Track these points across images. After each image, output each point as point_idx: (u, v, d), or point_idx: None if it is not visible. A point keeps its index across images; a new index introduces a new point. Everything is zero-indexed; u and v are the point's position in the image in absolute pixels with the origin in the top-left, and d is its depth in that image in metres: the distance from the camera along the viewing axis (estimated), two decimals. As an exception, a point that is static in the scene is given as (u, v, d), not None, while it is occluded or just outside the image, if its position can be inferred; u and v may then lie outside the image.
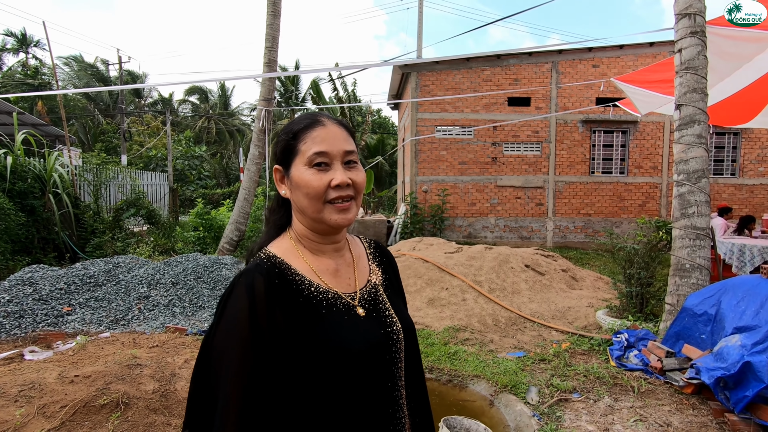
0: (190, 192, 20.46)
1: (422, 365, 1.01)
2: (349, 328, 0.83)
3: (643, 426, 2.75)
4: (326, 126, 0.86)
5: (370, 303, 0.90)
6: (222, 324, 0.78)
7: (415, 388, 0.94)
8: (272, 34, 8.49)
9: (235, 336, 0.76)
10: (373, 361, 0.83)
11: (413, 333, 0.95)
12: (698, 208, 3.94)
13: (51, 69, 12.16)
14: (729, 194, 11.58)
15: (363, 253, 1.00)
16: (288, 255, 0.87)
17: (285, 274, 0.83)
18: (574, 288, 6.16)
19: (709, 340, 3.26)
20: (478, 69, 11.15)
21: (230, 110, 30.18)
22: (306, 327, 0.80)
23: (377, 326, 0.87)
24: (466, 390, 3.48)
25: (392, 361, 0.86)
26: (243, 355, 0.75)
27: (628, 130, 11.42)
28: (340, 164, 0.84)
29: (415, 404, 0.93)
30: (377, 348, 0.84)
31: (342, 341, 0.80)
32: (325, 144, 0.84)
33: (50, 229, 8.10)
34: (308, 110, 20.47)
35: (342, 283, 0.90)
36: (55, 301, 4.85)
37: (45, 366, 3.04)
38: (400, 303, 0.99)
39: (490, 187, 11.41)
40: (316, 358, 0.78)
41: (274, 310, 0.78)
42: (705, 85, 4.02)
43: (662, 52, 11.04)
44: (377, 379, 0.83)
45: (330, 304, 0.84)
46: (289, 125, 0.89)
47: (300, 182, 0.83)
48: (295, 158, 0.85)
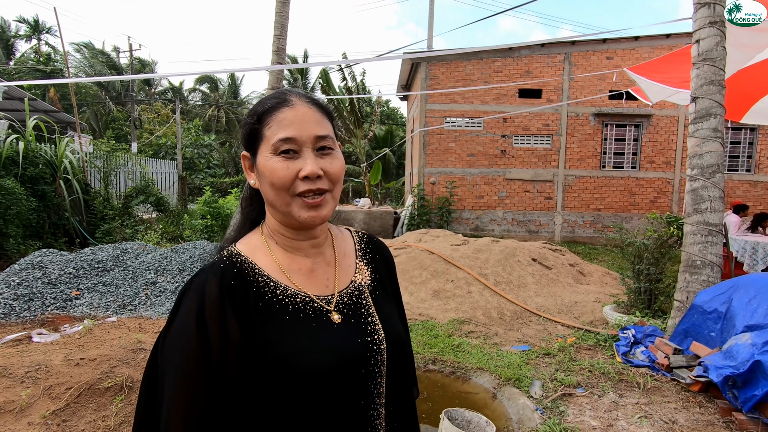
0: (198, 180, 20.60)
1: (410, 382, 0.90)
2: (317, 336, 0.73)
3: (648, 423, 2.71)
4: (294, 106, 0.74)
5: (350, 307, 0.79)
6: (171, 330, 0.70)
7: (399, 406, 0.81)
8: (281, 21, 8.42)
9: (181, 345, 0.68)
10: (344, 375, 0.72)
11: (401, 345, 0.83)
12: (711, 203, 3.85)
13: (63, 56, 12.22)
14: (743, 191, 11.35)
15: (350, 250, 0.89)
16: (255, 252, 0.78)
17: (245, 275, 0.74)
18: (581, 283, 6.10)
19: (718, 337, 3.20)
20: (488, 60, 10.99)
21: (240, 99, 30.22)
22: (264, 334, 0.70)
23: (354, 335, 0.76)
24: (469, 382, 3.47)
25: (369, 375, 0.75)
26: (190, 366, 0.67)
27: (641, 123, 11.21)
28: (311, 151, 0.73)
29: (398, 424, 0.81)
30: (350, 360, 0.73)
31: (303, 353, 0.70)
32: (293, 128, 0.73)
33: (61, 215, 8.20)
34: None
35: (317, 285, 0.79)
36: (63, 285, 4.92)
37: (52, 348, 3.08)
38: (391, 308, 0.87)
39: (498, 179, 11.30)
40: (275, 370, 0.69)
41: (227, 317, 0.69)
42: (723, 77, 3.91)
43: (678, 44, 10.77)
44: (347, 396, 0.73)
45: (297, 309, 0.74)
46: (255, 106, 0.79)
47: (265, 172, 0.73)
48: (261, 144, 0.75)
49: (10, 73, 21.00)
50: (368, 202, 13.00)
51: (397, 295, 0.93)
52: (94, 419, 2.32)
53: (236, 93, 30.15)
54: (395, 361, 0.80)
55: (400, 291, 0.97)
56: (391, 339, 0.79)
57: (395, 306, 0.90)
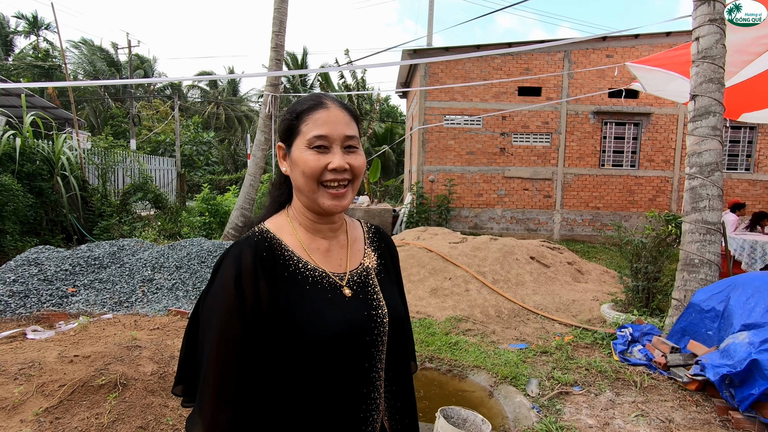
0: (197, 177, 20.55)
1: (408, 355, 1.01)
2: (331, 305, 0.85)
3: (644, 421, 2.70)
4: (329, 109, 0.87)
5: (359, 285, 0.91)
6: (211, 290, 0.82)
7: (397, 373, 0.94)
8: (280, 18, 8.38)
9: (221, 302, 0.80)
10: (352, 340, 0.84)
11: (401, 322, 0.95)
12: (710, 202, 3.83)
13: (61, 52, 12.11)
14: (742, 190, 11.33)
15: (360, 237, 1.02)
16: (281, 231, 0.90)
17: (274, 248, 0.86)
18: (579, 281, 6.09)
19: (715, 336, 3.19)
20: (488, 57, 10.94)
21: (239, 96, 30.14)
22: (288, 299, 0.82)
23: (362, 308, 0.88)
24: (465, 380, 3.46)
25: (372, 342, 0.87)
26: (228, 319, 0.79)
27: (640, 122, 11.19)
28: (340, 148, 0.86)
29: (396, 388, 0.93)
30: (357, 328, 0.85)
31: (321, 317, 0.82)
32: (326, 127, 0.85)
33: (58, 211, 8.17)
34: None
35: (332, 263, 0.92)
36: (60, 282, 4.90)
37: (46, 345, 3.06)
38: (394, 290, 0.99)
39: (497, 177, 11.28)
40: (294, 331, 0.81)
41: (259, 281, 0.81)
42: (722, 75, 3.88)
43: (678, 42, 10.73)
44: (354, 357, 0.85)
45: (315, 281, 0.87)
46: (294, 105, 0.91)
47: (298, 161, 0.85)
48: (297, 138, 0.87)
49: (8, 69, 20.92)
50: (367, 199, 12.97)
51: (399, 280, 1.06)
52: (88, 417, 2.31)
53: (235, 90, 30.08)
54: (395, 334, 0.92)
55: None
56: (393, 314, 0.92)
57: (397, 289, 1.02)
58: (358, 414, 0.85)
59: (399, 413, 0.93)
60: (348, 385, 0.84)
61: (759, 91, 5.66)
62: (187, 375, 0.86)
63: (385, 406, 0.91)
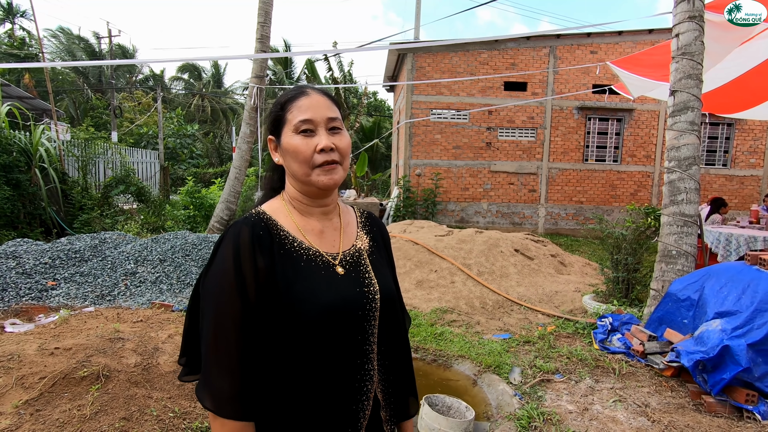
0: (181, 171, 20.21)
1: (405, 331, 1.07)
2: (325, 281, 0.90)
3: (622, 406, 2.79)
4: (310, 96, 0.93)
5: (351, 264, 0.96)
6: (212, 267, 0.88)
7: (390, 347, 0.99)
8: (265, 8, 8.27)
9: (221, 278, 0.85)
10: (345, 315, 0.89)
11: (392, 299, 0.99)
12: (687, 195, 3.94)
13: (38, 41, 11.76)
14: (720, 185, 11.65)
15: (353, 221, 1.07)
16: (277, 213, 0.95)
17: (270, 228, 0.91)
18: (562, 273, 6.20)
19: (691, 324, 3.30)
20: (474, 52, 10.99)
21: (223, 89, 29.66)
22: (284, 275, 0.87)
23: (354, 285, 0.93)
24: (450, 370, 3.51)
25: (365, 317, 0.92)
26: (227, 295, 0.84)
27: (623, 118, 11.39)
28: (325, 130, 0.91)
29: (389, 362, 0.98)
30: (351, 303, 0.90)
31: (315, 293, 0.87)
32: (310, 111, 0.91)
33: (36, 204, 7.97)
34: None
35: (325, 244, 0.96)
36: (39, 275, 4.80)
37: (25, 338, 3.00)
38: (386, 270, 1.04)
39: (483, 172, 11.37)
40: (290, 305, 0.85)
41: (257, 257, 0.86)
42: (700, 71, 3.98)
43: (660, 39, 10.92)
44: (347, 331, 0.90)
45: (309, 259, 0.92)
46: (278, 98, 0.98)
47: (289, 148, 0.91)
48: (284, 126, 0.93)
49: (-18, 58, 20.17)
50: (354, 193, 12.96)
51: (390, 261, 1.11)
52: (69, 408, 2.28)
53: (220, 82, 29.59)
54: (386, 310, 0.97)
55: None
56: (384, 292, 0.97)
57: (389, 269, 1.07)
58: (353, 384, 0.90)
59: (391, 386, 0.98)
60: (342, 356, 0.89)
61: (752, 88, 5.82)
62: (190, 348, 0.92)
63: (378, 378, 0.95)
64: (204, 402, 0.84)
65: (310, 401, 0.87)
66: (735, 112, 6.84)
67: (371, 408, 0.94)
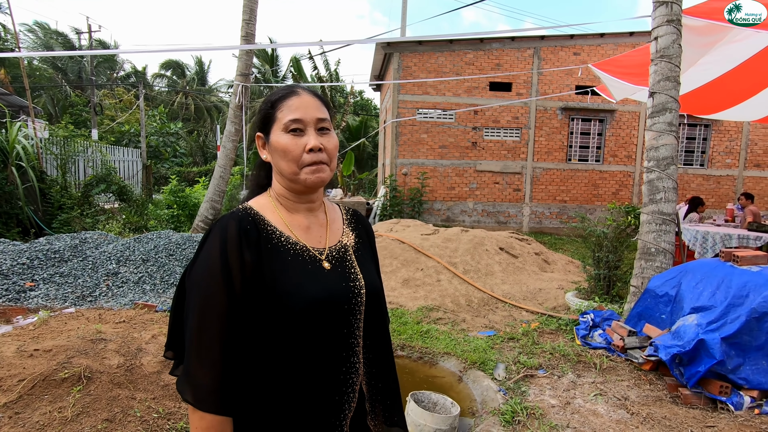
0: (164, 169, 19.88)
1: (388, 325, 1.08)
2: (312, 276, 0.92)
3: (603, 400, 2.86)
4: (301, 96, 0.94)
5: (337, 259, 0.98)
6: (198, 260, 0.88)
7: (375, 341, 1.00)
8: (250, 6, 8.19)
9: (207, 271, 0.86)
10: (330, 308, 0.91)
11: (377, 294, 1.01)
12: (665, 194, 4.05)
13: (14, 35, 11.39)
14: (697, 184, 11.98)
15: (339, 218, 1.09)
16: (264, 209, 0.96)
17: (257, 223, 0.92)
18: (545, 271, 6.30)
19: (668, 319, 3.39)
20: (460, 52, 11.07)
21: (208, 87, 29.25)
22: (271, 269, 0.88)
23: (340, 279, 0.95)
24: (436, 366, 3.55)
25: (351, 311, 0.94)
26: (213, 288, 0.84)
27: (605, 118, 11.61)
28: (314, 130, 0.93)
29: (373, 356, 1.00)
30: (337, 297, 0.92)
31: (302, 286, 0.89)
32: (300, 111, 0.92)
33: (13, 204, 7.75)
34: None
35: (312, 239, 0.98)
36: (16, 276, 4.68)
37: (3, 340, 2.93)
38: (371, 266, 1.06)
39: (469, 171, 11.47)
40: (277, 298, 0.86)
41: (243, 251, 0.87)
42: (678, 73, 4.09)
43: (641, 42, 11.18)
44: (333, 324, 0.91)
45: (296, 253, 0.93)
46: (268, 96, 0.98)
47: (278, 146, 0.92)
48: (273, 125, 0.94)
49: (-46, 52, 19.49)
50: (340, 192, 12.93)
51: (375, 258, 1.13)
52: (50, 411, 2.24)
53: (204, 80, 29.16)
54: (372, 304, 0.99)
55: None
56: (369, 287, 0.99)
57: (373, 265, 1.09)
58: (338, 376, 0.91)
59: (375, 379, 1.00)
60: (328, 349, 0.90)
61: (728, 90, 6.00)
62: (176, 341, 0.92)
63: (364, 371, 0.97)
64: (185, 395, 0.84)
65: (296, 393, 0.87)
66: (712, 113, 7.04)
67: (356, 400, 0.94)
